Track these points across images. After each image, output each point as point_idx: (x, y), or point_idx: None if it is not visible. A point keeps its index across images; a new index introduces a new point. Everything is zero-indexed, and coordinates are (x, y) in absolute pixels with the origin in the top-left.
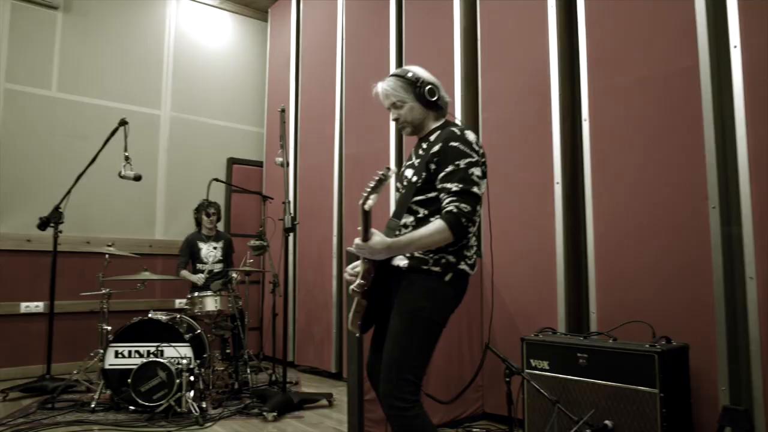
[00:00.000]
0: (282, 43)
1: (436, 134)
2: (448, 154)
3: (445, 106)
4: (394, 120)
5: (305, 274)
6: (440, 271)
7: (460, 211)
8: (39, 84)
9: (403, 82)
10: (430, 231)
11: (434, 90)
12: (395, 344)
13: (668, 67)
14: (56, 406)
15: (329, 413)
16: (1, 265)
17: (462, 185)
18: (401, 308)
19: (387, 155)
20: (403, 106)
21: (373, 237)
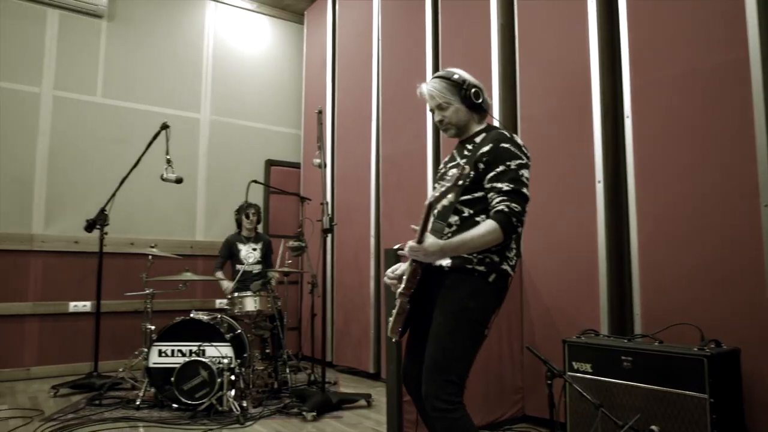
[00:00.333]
0: (318, 45)
1: (482, 136)
2: (499, 154)
3: (488, 109)
4: (438, 122)
5: (343, 275)
6: (485, 270)
7: (511, 211)
8: (85, 90)
9: (448, 84)
10: (481, 232)
11: (479, 92)
12: (438, 345)
13: (715, 59)
14: (103, 403)
15: (368, 414)
16: (51, 266)
17: (513, 185)
18: (445, 308)
19: (424, 156)
20: (448, 107)
21: (426, 239)
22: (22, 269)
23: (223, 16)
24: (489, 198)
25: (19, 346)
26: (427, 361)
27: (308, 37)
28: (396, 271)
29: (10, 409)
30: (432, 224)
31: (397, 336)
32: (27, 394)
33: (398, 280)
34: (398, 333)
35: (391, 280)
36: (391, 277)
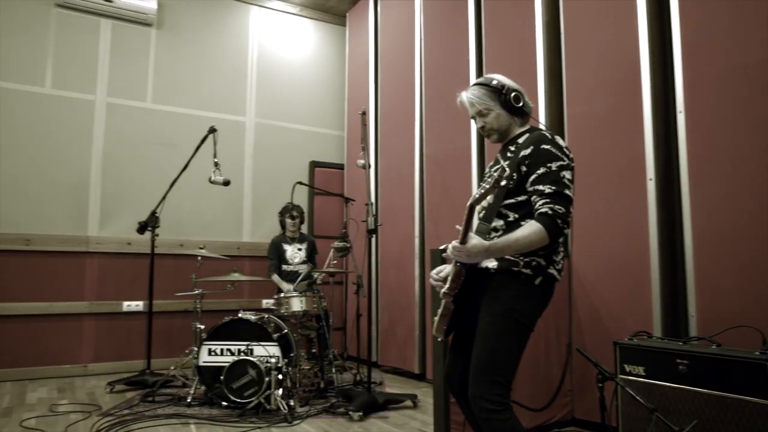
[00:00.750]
0: (360, 47)
1: (524, 138)
2: (539, 156)
3: (529, 111)
4: (480, 128)
5: (388, 275)
6: (531, 273)
7: (555, 213)
8: (136, 96)
9: (488, 90)
10: (526, 233)
11: (519, 96)
12: (484, 347)
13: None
14: (156, 400)
15: (414, 414)
16: (106, 267)
17: (555, 187)
18: (491, 310)
19: (468, 154)
20: (488, 113)
21: (470, 240)
22: (79, 270)
23: (267, 20)
24: (532, 201)
25: (77, 343)
26: (473, 362)
27: (350, 38)
28: (441, 273)
29: (71, 403)
30: (477, 225)
31: (442, 336)
32: (85, 389)
33: (443, 281)
34: (443, 332)
35: (436, 282)
36: (436, 279)
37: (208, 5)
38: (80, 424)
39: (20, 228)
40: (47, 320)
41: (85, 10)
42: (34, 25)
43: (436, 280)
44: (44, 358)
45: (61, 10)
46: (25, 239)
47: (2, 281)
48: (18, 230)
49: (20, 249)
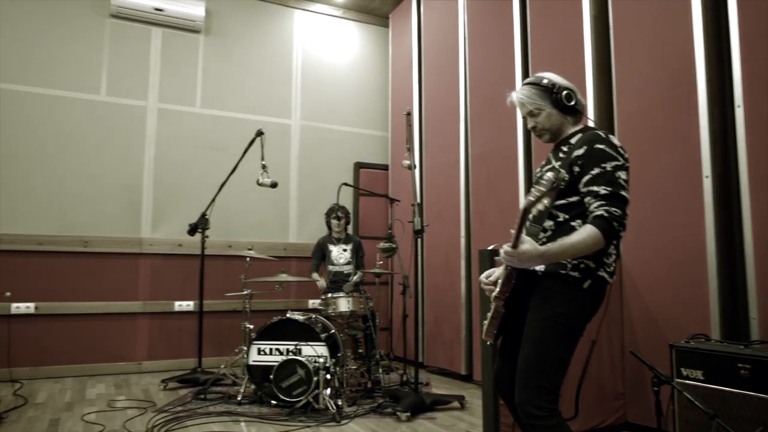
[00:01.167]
0: (404, 47)
1: (577, 137)
2: (593, 156)
3: (582, 110)
4: (532, 128)
5: (433, 276)
6: (579, 276)
7: (611, 215)
8: (185, 102)
9: (538, 90)
10: (581, 237)
11: (571, 95)
12: (532, 351)
13: None
14: (208, 397)
15: (461, 415)
16: (158, 268)
17: (611, 188)
18: (538, 314)
19: (515, 154)
20: (540, 113)
21: (522, 245)
22: (132, 270)
23: (310, 23)
24: (586, 203)
25: (131, 342)
26: (520, 366)
27: (393, 39)
28: (491, 276)
29: (127, 399)
30: (527, 228)
31: (492, 340)
32: (140, 386)
33: (494, 284)
34: (493, 336)
35: (487, 286)
36: (485, 283)
37: (253, 10)
38: (137, 420)
39: (78, 230)
40: (104, 319)
41: (137, 20)
42: (90, 36)
43: (485, 284)
44: (101, 356)
45: (115, 20)
46: (83, 241)
47: (63, 281)
48: (76, 232)
49: (79, 250)
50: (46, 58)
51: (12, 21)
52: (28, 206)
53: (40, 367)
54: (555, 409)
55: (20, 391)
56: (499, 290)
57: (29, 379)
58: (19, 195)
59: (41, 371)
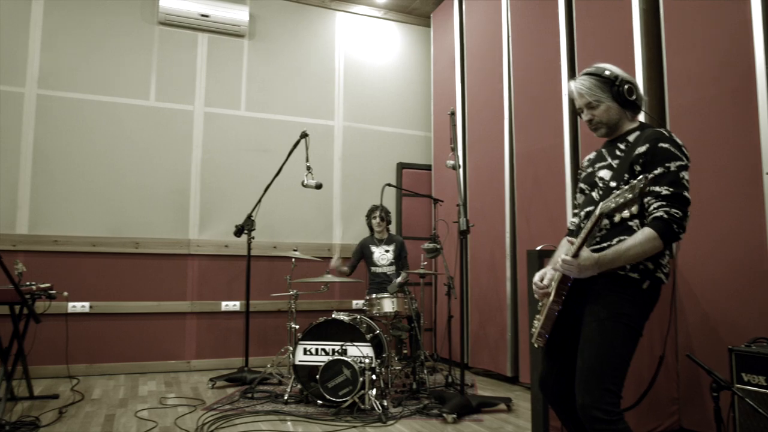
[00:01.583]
0: (446, 47)
1: (636, 134)
2: (657, 155)
3: (641, 105)
4: (588, 121)
5: (478, 276)
6: (638, 278)
7: (671, 218)
8: (230, 105)
9: (599, 81)
10: (639, 241)
11: (632, 89)
12: (594, 353)
13: None
14: (255, 396)
15: (508, 418)
16: (205, 268)
17: (673, 189)
18: (598, 315)
19: (561, 151)
20: (598, 106)
21: (581, 253)
22: (181, 271)
23: (352, 25)
24: (646, 203)
25: (180, 341)
26: (581, 369)
27: (435, 39)
28: (544, 279)
29: (177, 397)
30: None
31: (542, 343)
32: (189, 384)
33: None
34: (545, 341)
35: (541, 290)
36: (539, 286)
37: (295, 14)
38: (187, 417)
39: (130, 232)
40: (154, 318)
41: (184, 26)
42: (140, 43)
43: (539, 287)
44: (152, 354)
45: (163, 27)
46: (134, 243)
47: (115, 282)
48: (128, 234)
49: (130, 252)
50: (100, 67)
51: (67, 33)
52: (83, 209)
53: (94, 364)
54: (621, 413)
55: (77, 387)
56: (555, 294)
57: (85, 375)
58: (75, 198)
59: (96, 368)
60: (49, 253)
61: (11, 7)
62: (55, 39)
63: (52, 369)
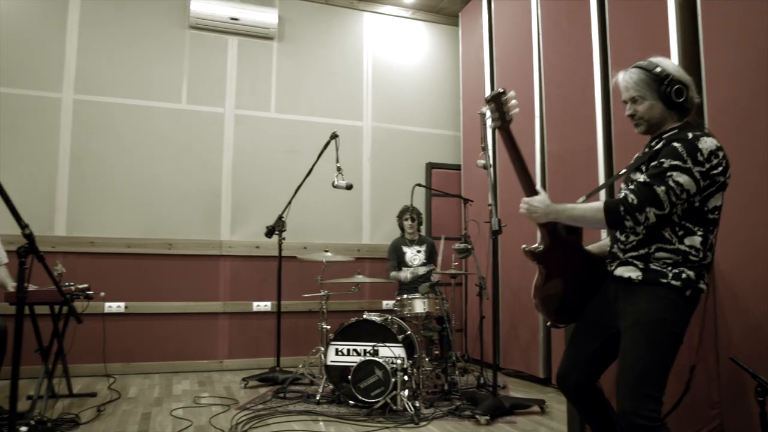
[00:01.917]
0: (474, 46)
1: (671, 133)
2: (661, 151)
3: (691, 108)
4: (629, 115)
5: (508, 277)
6: (681, 286)
7: (623, 200)
8: (260, 107)
9: (648, 77)
10: (588, 207)
11: (682, 90)
12: (635, 358)
13: None
14: (287, 396)
15: (542, 420)
16: (237, 269)
17: (649, 180)
18: (639, 320)
19: (595, 152)
20: (642, 102)
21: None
22: (213, 272)
23: (380, 25)
24: None
25: (213, 340)
26: (624, 375)
27: (464, 38)
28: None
29: (211, 396)
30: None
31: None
32: (222, 383)
33: None
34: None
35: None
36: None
37: (324, 15)
38: (221, 417)
39: (163, 233)
40: (187, 318)
41: (214, 30)
42: (171, 47)
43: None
44: (185, 353)
45: (194, 31)
46: (168, 244)
47: (149, 282)
48: (161, 235)
49: (163, 253)
50: (133, 71)
51: (102, 39)
52: (118, 211)
53: (130, 363)
54: (662, 419)
55: (113, 386)
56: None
57: (121, 374)
58: (110, 200)
59: (131, 367)
60: (86, 255)
61: (49, 15)
62: (91, 45)
63: (90, 367)
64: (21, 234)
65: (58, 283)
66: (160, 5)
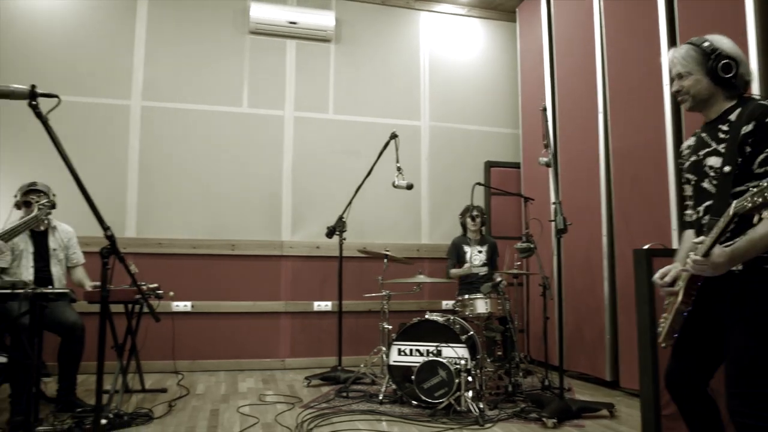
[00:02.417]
0: (533, 42)
1: (737, 112)
2: (766, 131)
3: (742, 85)
4: (675, 92)
5: (572, 276)
6: None
7: None
8: (319, 109)
9: (695, 52)
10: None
11: (730, 65)
12: (748, 355)
13: None
14: (350, 396)
15: (611, 425)
16: (298, 269)
17: None
18: (745, 314)
19: (663, 146)
20: (688, 77)
21: (713, 250)
22: (275, 272)
23: (436, 24)
24: None
25: (275, 339)
26: (734, 372)
27: (521, 33)
28: (666, 276)
29: (275, 394)
30: (707, 221)
31: (670, 343)
32: (285, 382)
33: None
34: (672, 339)
35: (665, 288)
36: (661, 284)
37: (380, 16)
38: (286, 415)
39: (226, 234)
40: (251, 318)
41: (273, 34)
42: (232, 53)
43: (662, 284)
44: (248, 352)
45: (254, 36)
46: (231, 245)
47: (214, 282)
48: (225, 236)
49: (227, 253)
50: (196, 77)
51: (167, 47)
52: (184, 213)
53: (197, 360)
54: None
55: (182, 382)
56: (683, 294)
57: (188, 371)
58: (176, 202)
59: (198, 364)
60: (154, 255)
61: (118, 28)
62: (157, 54)
63: (159, 364)
64: (103, 236)
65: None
66: (221, 13)
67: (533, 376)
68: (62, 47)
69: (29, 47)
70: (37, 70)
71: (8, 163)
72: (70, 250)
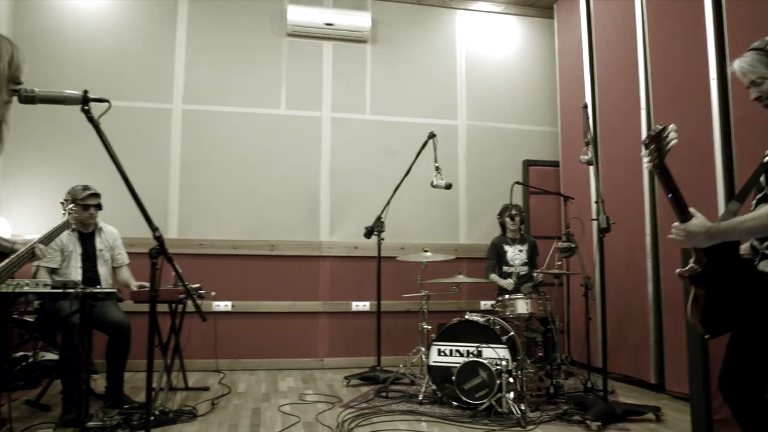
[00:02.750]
0: (571, 39)
1: None
2: None
3: None
4: (755, 99)
5: (614, 276)
6: None
7: None
8: (356, 110)
9: (762, 56)
10: (759, 214)
11: None
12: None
13: None
14: (389, 396)
15: (657, 428)
16: (336, 269)
17: None
18: None
19: (710, 144)
20: (762, 83)
21: (691, 219)
22: (313, 272)
23: (472, 22)
24: None
25: (314, 339)
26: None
27: (559, 30)
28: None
29: (315, 394)
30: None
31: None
32: (324, 381)
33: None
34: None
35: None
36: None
37: (416, 15)
38: (327, 414)
39: (266, 235)
40: (290, 317)
41: (310, 36)
42: (270, 55)
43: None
44: (288, 351)
45: (291, 38)
46: (270, 245)
47: (254, 282)
48: (264, 237)
49: (266, 254)
50: (235, 80)
51: (206, 51)
52: (224, 214)
53: (237, 359)
54: None
55: (224, 381)
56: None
57: (229, 370)
58: (217, 204)
59: (239, 363)
60: (196, 256)
61: (159, 31)
62: (197, 58)
63: (202, 363)
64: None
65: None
66: (259, 16)
67: (575, 378)
68: (107, 52)
69: (75, 52)
70: (81, 75)
71: (54, 167)
72: (116, 251)
